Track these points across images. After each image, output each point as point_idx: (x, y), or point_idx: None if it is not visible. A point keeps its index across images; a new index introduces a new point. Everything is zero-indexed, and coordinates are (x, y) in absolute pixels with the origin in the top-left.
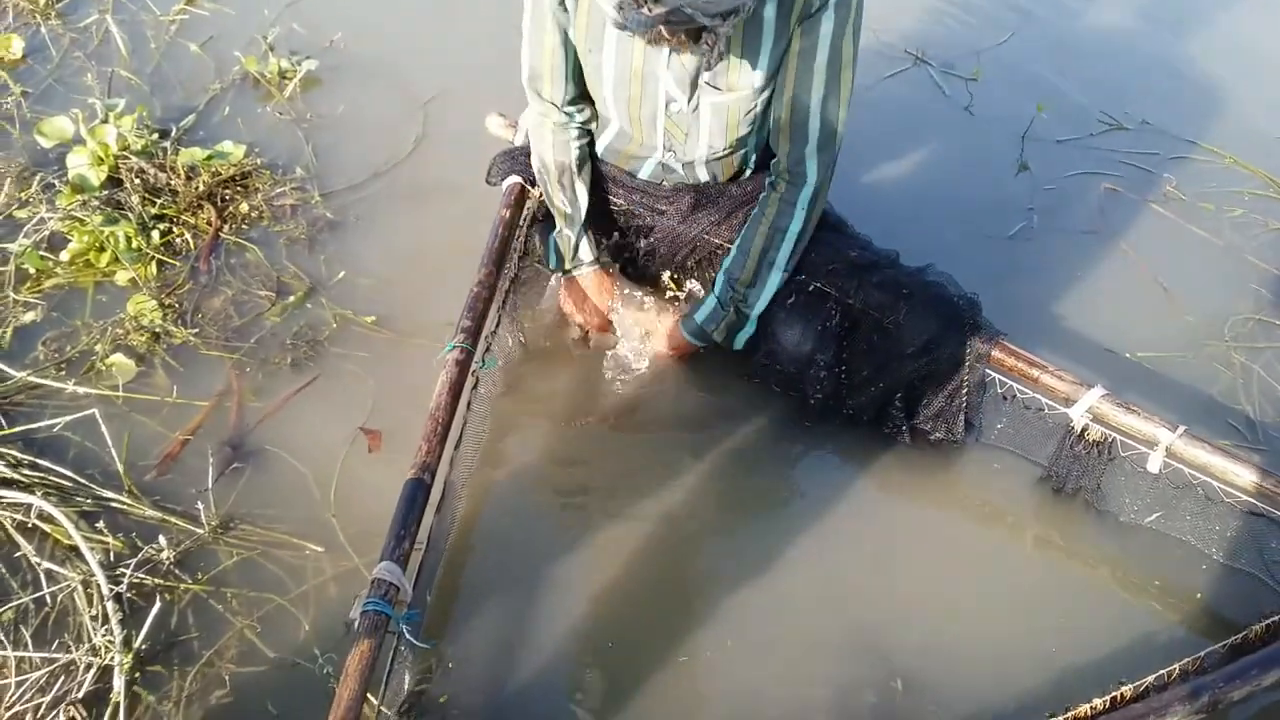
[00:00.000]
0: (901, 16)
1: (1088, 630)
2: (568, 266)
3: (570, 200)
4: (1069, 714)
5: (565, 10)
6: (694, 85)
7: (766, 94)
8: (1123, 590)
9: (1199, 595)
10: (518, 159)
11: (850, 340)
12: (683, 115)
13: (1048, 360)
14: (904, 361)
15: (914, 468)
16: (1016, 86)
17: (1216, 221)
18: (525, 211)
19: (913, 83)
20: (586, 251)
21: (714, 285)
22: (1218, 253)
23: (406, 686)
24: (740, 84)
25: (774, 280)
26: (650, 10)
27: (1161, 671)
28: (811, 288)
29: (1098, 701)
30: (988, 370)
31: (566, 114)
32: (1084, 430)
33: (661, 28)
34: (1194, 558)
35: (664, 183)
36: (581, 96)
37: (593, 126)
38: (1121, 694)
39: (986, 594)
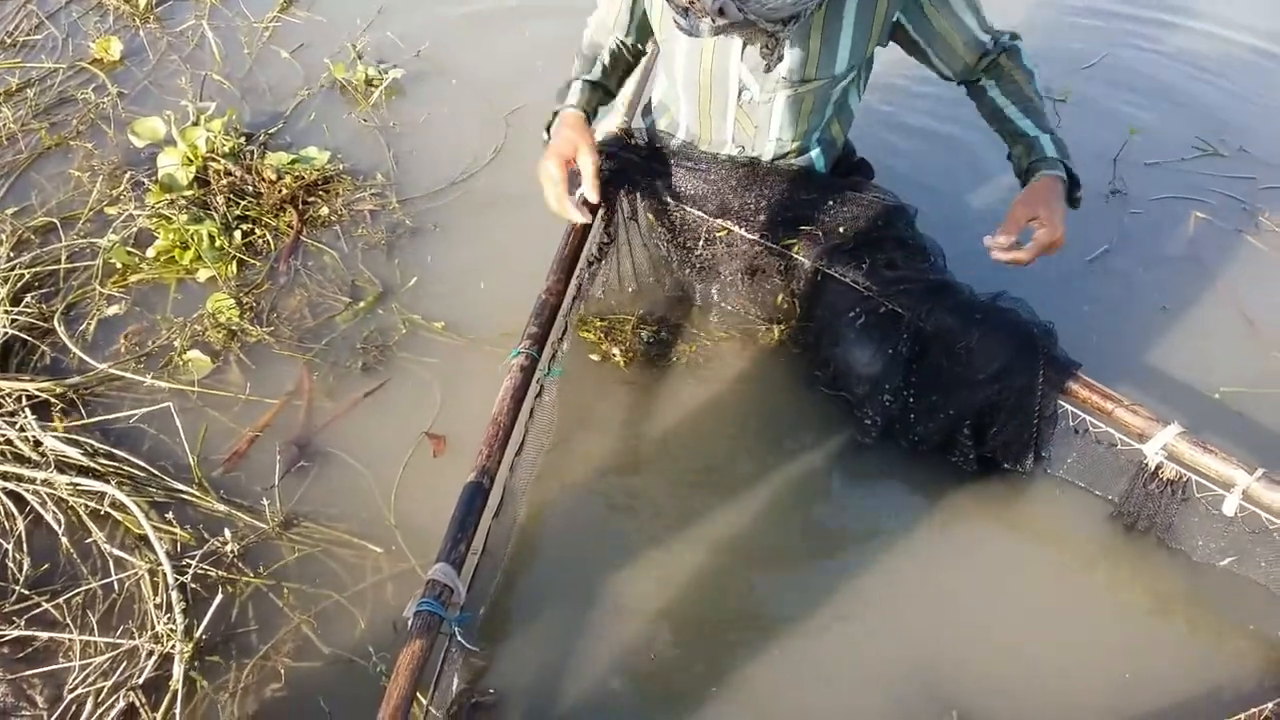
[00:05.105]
0: None
1: (1156, 671)
2: (555, 108)
3: (587, 65)
4: None
5: None
6: (768, 75)
7: (845, 81)
8: (1194, 631)
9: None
10: None
11: (920, 364)
12: (754, 105)
13: (1124, 392)
14: (974, 388)
15: (980, 497)
16: (1108, 109)
17: None
18: (596, 220)
19: None
20: (575, 94)
21: (1031, 130)
22: None
23: (455, 688)
24: (820, 74)
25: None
26: (715, 21)
27: None
28: (883, 309)
29: None
30: (1060, 401)
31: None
32: (1158, 468)
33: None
34: (1271, 599)
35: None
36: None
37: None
38: None
39: (1050, 630)
